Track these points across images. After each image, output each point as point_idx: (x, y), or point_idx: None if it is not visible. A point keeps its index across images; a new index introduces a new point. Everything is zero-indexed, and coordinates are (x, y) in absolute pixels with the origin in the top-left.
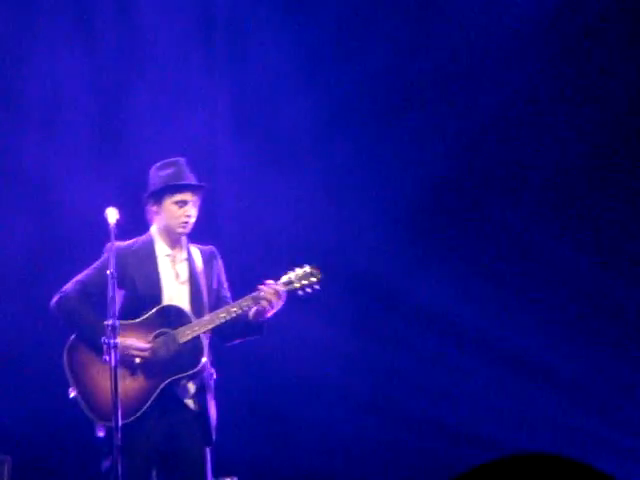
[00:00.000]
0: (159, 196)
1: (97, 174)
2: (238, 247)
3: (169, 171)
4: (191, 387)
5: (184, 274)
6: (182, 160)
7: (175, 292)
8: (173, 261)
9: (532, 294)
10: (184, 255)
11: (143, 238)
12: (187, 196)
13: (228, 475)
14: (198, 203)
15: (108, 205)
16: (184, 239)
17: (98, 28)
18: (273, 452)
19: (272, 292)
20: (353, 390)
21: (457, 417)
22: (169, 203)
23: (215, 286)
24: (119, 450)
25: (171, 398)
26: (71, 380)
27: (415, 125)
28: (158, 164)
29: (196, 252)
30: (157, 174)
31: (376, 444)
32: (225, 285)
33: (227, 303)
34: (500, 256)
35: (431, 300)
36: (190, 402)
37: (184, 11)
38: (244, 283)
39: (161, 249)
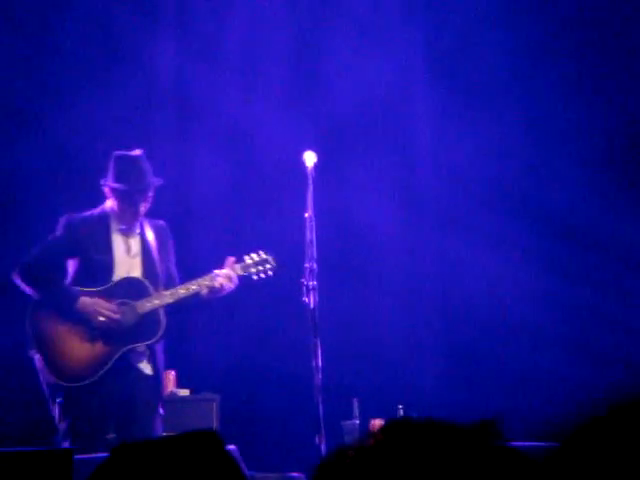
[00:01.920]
0: (115, 193)
1: (295, 118)
2: (433, 189)
3: (119, 168)
4: (145, 354)
5: (136, 248)
6: (137, 158)
7: (128, 265)
8: (126, 235)
9: None
10: (137, 230)
11: (98, 211)
12: (136, 197)
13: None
14: (150, 197)
15: (306, 149)
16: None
17: None
18: (468, 393)
19: (228, 276)
20: (548, 329)
21: None
22: (119, 198)
23: (166, 261)
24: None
25: (127, 364)
26: (33, 342)
27: (618, 62)
28: (117, 154)
29: (148, 227)
30: (114, 168)
31: (568, 382)
32: (174, 261)
33: (174, 279)
34: None
35: (631, 239)
36: (144, 366)
37: None
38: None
39: (114, 223)
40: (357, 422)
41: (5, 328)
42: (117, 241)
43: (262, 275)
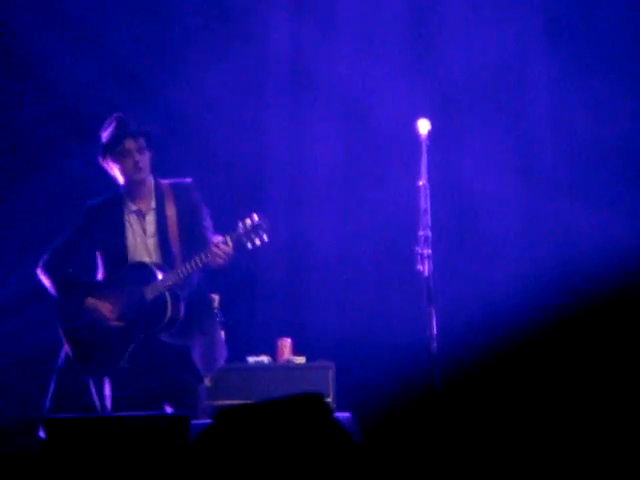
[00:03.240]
0: (105, 156)
1: (409, 85)
2: (550, 156)
3: (106, 132)
4: (167, 335)
5: (152, 227)
6: (119, 115)
7: (143, 248)
8: (141, 215)
9: None
10: (152, 204)
11: (112, 195)
12: (129, 145)
13: None
14: (146, 149)
15: (420, 116)
16: (149, 184)
17: None
18: None
19: (219, 253)
20: None
21: None
22: (116, 157)
23: (189, 226)
24: None
25: (148, 350)
26: (63, 338)
27: None
28: (102, 126)
29: (168, 193)
30: (101, 136)
31: None
32: (205, 222)
33: (206, 241)
34: None
35: None
36: (169, 339)
37: None
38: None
39: (128, 205)
40: None
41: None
42: (131, 223)
43: (257, 242)
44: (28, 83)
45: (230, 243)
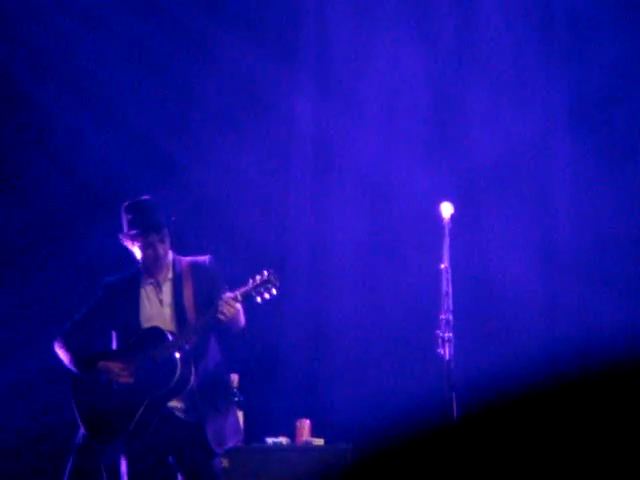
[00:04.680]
0: (126, 239)
1: (432, 169)
2: (572, 242)
3: (129, 217)
4: (180, 402)
5: (168, 297)
6: (145, 202)
7: (159, 318)
8: (157, 286)
9: None
10: (169, 275)
11: (130, 271)
12: (151, 238)
13: None
14: (166, 238)
15: (443, 200)
16: (168, 260)
17: (437, 26)
18: None
19: (227, 307)
20: None
21: None
22: (136, 247)
23: (207, 298)
24: None
25: (158, 415)
26: (75, 410)
27: None
28: (124, 204)
29: (186, 268)
30: (123, 218)
31: None
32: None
33: None
34: None
35: None
36: (182, 415)
37: (522, 10)
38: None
39: (145, 278)
40: None
41: None
42: (147, 294)
43: (266, 296)
44: (53, 161)
45: (240, 298)
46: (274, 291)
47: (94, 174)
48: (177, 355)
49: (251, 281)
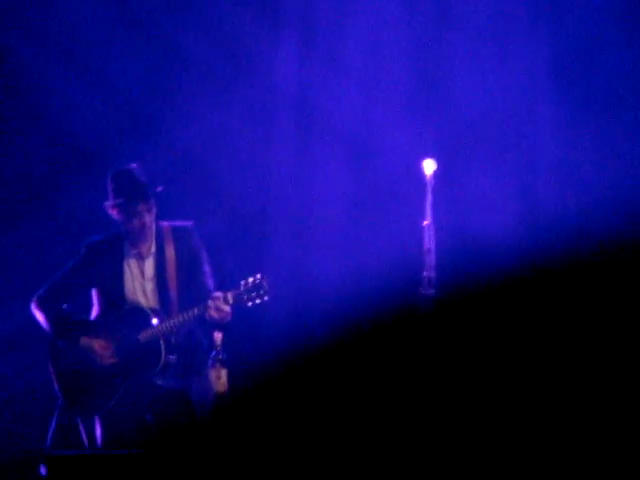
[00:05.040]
0: (112, 208)
1: (415, 125)
2: (555, 199)
3: (115, 185)
4: (162, 378)
5: (150, 270)
6: (132, 170)
7: (140, 291)
8: (140, 258)
9: None
10: (152, 248)
11: (113, 235)
12: (137, 207)
13: None
14: (153, 208)
15: (425, 156)
16: (151, 229)
17: None
18: None
19: (217, 309)
20: None
21: None
22: (122, 215)
23: (188, 272)
24: None
25: (141, 393)
26: (53, 377)
27: None
28: (111, 173)
29: (168, 236)
30: (111, 186)
31: None
32: (204, 267)
33: (207, 291)
34: None
35: None
36: (163, 382)
37: None
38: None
39: (128, 248)
40: None
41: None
42: (130, 267)
43: (257, 301)
44: (33, 120)
45: (230, 300)
46: (265, 298)
47: (77, 133)
48: (162, 342)
49: (243, 284)
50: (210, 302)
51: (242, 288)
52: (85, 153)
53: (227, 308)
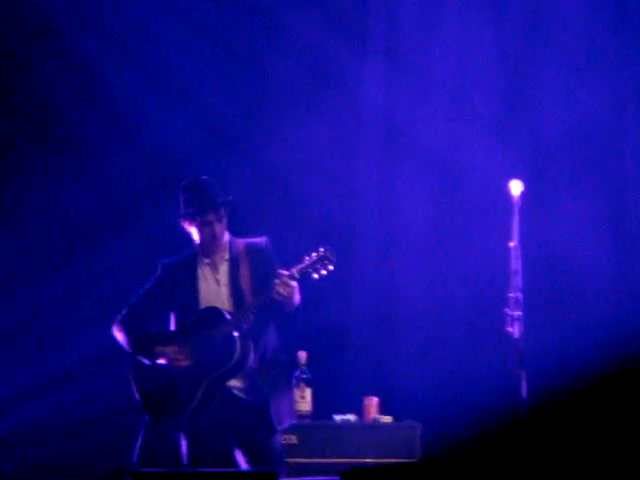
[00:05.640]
0: (184, 219)
1: (501, 146)
2: None
3: (187, 196)
4: (239, 381)
5: (224, 277)
6: (202, 180)
7: (216, 297)
8: (214, 267)
9: None
10: (225, 256)
11: (187, 252)
12: (209, 217)
13: None
14: (224, 218)
15: (512, 177)
16: (225, 242)
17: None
18: None
19: (283, 285)
20: None
21: None
22: (193, 227)
23: (262, 280)
24: None
25: (218, 395)
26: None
27: None
28: (182, 185)
29: (242, 249)
30: (182, 197)
31: None
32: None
33: None
34: None
35: None
36: (242, 394)
37: None
38: None
39: (202, 259)
40: None
41: None
42: (204, 275)
43: (323, 272)
44: (120, 137)
45: (296, 274)
46: (331, 267)
47: (160, 150)
48: (235, 334)
49: (307, 258)
50: (276, 280)
51: (307, 262)
52: (168, 172)
53: (293, 283)
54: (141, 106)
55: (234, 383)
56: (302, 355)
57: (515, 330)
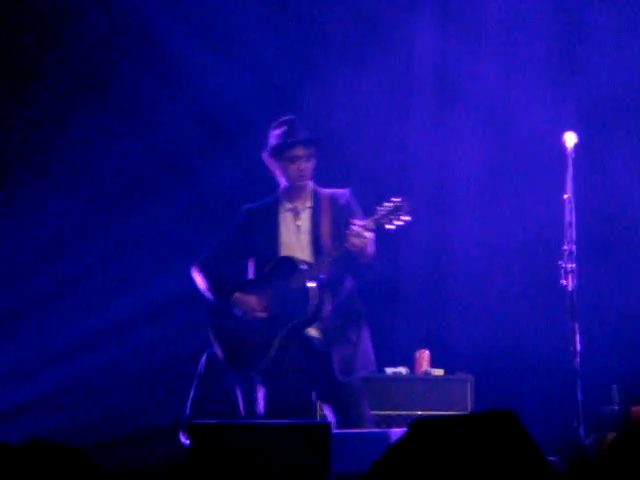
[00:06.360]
0: (273, 155)
1: (556, 98)
2: None
3: (279, 131)
4: (316, 330)
5: (306, 224)
6: (294, 119)
7: (296, 244)
8: (295, 213)
9: None
10: (308, 204)
11: (270, 198)
12: (298, 151)
13: None
14: (313, 157)
15: (567, 129)
16: (309, 187)
17: None
18: None
19: (357, 236)
20: None
21: None
22: (283, 160)
23: (342, 232)
24: None
25: (296, 343)
26: (214, 339)
27: None
28: (273, 124)
29: (325, 198)
30: (271, 134)
31: None
32: None
33: None
34: None
35: None
36: (318, 343)
37: None
38: None
39: (284, 204)
40: (616, 408)
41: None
42: (286, 221)
43: (398, 222)
44: (178, 94)
45: (371, 225)
46: (407, 218)
47: (217, 109)
48: (311, 284)
49: (380, 208)
50: (348, 232)
51: (381, 212)
52: (225, 129)
53: (368, 234)
54: (196, 65)
55: (312, 332)
56: None
57: (569, 282)
